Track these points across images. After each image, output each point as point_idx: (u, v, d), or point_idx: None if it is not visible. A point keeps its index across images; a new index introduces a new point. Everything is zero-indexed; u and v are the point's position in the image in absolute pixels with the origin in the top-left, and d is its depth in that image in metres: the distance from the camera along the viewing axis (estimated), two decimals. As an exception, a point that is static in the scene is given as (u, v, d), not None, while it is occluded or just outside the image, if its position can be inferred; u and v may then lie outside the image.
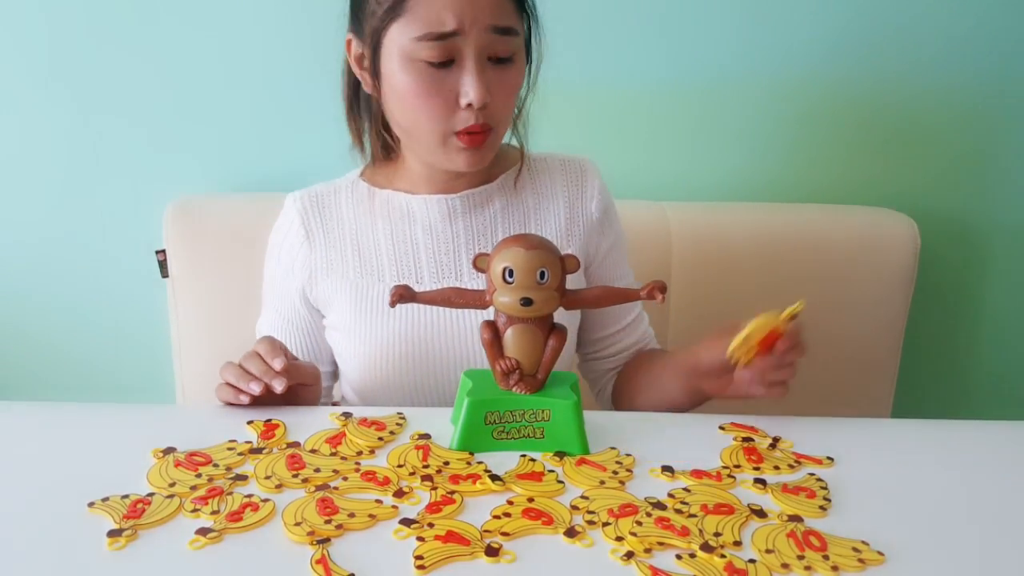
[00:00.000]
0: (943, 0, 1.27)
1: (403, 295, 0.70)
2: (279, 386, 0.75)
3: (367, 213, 0.93)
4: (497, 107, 0.82)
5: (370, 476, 0.65)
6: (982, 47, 1.29)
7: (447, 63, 0.79)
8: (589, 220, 0.95)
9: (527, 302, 0.67)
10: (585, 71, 1.31)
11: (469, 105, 0.80)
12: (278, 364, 0.76)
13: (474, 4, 0.78)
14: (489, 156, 0.86)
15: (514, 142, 0.93)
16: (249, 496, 0.62)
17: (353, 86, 0.90)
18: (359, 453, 0.69)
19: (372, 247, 0.91)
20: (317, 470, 0.66)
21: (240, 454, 0.68)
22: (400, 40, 0.79)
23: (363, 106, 0.92)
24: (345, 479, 0.65)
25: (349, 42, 0.86)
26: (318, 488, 0.63)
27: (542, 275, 0.67)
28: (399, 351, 0.88)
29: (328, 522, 0.58)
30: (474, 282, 0.89)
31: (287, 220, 0.94)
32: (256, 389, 0.75)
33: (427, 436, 0.72)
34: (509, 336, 0.70)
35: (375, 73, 0.83)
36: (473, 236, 0.91)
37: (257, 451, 0.69)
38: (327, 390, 0.98)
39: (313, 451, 0.69)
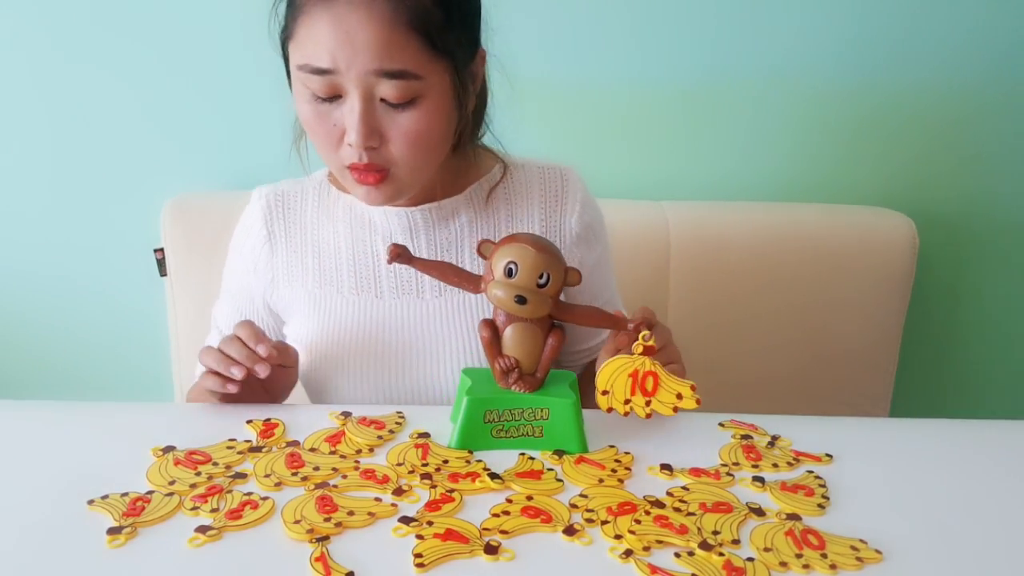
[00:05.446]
0: (942, 0, 1.28)
1: (400, 255, 0.70)
2: (263, 371, 0.73)
3: (329, 219, 0.89)
4: (392, 151, 0.75)
5: (369, 474, 0.65)
6: (981, 47, 1.30)
7: (334, 97, 0.73)
8: (568, 236, 0.89)
9: (521, 300, 0.67)
10: (584, 70, 1.31)
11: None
12: (262, 350, 0.74)
13: (351, 45, 0.70)
14: (394, 195, 0.79)
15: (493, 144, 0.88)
16: (249, 494, 0.62)
17: None
18: (358, 452, 0.69)
19: (332, 256, 0.88)
20: (316, 468, 0.66)
21: (240, 453, 0.68)
22: (292, 61, 0.75)
23: None
24: (345, 477, 0.65)
25: None
26: (317, 486, 0.63)
27: (543, 278, 0.67)
28: (359, 368, 0.85)
29: (327, 520, 0.58)
30: (436, 299, 0.86)
31: (251, 217, 0.91)
32: (238, 374, 0.73)
33: (426, 435, 0.72)
34: (508, 334, 0.70)
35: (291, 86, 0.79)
36: (437, 251, 0.87)
37: (256, 450, 0.69)
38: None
39: (312, 450, 0.69)
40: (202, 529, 0.57)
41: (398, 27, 0.71)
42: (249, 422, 0.74)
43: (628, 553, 0.56)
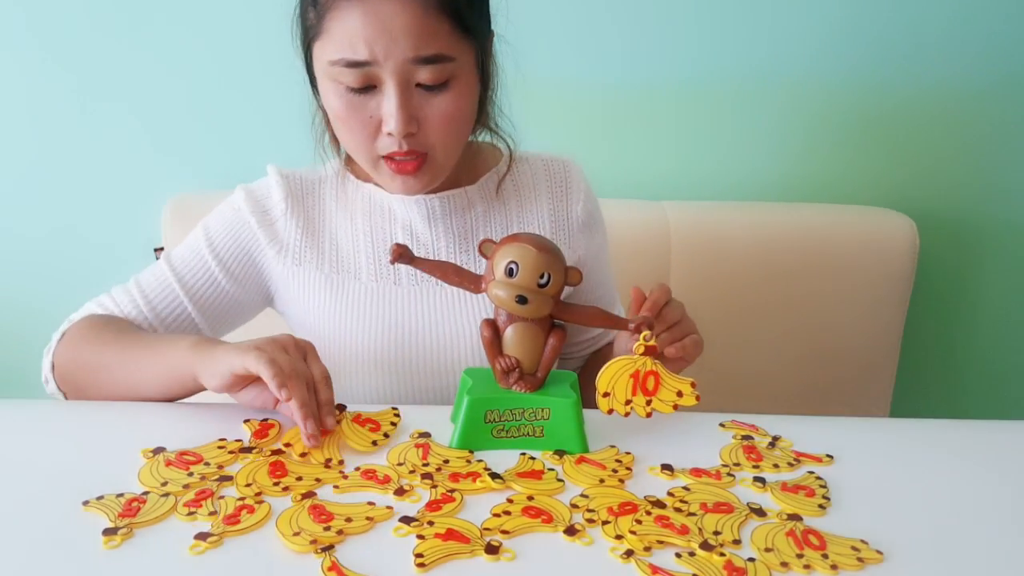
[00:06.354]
0: (942, 1, 1.28)
1: (402, 254, 0.70)
2: (311, 442, 0.67)
3: (347, 206, 0.89)
4: (429, 134, 0.77)
5: (370, 475, 0.64)
6: (982, 47, 1.30)
7: (368, 88, 0.75)
8: (574, 223, 0.92)
9: (522, 300, 0.67)
10: (585, 70, 1.31)
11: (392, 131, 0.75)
12: (331, 423, 0.69)
13: (388, 34, 0.71)
14: (430, 182, 0.81)
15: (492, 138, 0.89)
16: (242, 499, 0.61)
17: None
18: (341, 462, 0.67)
19: (351, 243, 0.88)
20: (299, 478, 0.64)
21: (231, 452, 0.67)
22: (320, 60, 0.76)
23: None
24: (337, 487, 0.63)
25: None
26: (304, 496, 0.61)
27: (544, 278, 0.67)
28: (376, 353, 0.85)
29: (327, 529, 0.57)
30: (454, 290, 0.86)
31: (270, 186, 0.89)
32: (311, 429, 0.66)
33: (427, 435, 0.72)
34: (509, 334, 0.70)
35: (313, 85, 0.80)
36: (455, 239, 0.88)
37: (247, 450, 0.68)
38: None
39: (303, 455, 0.67)
40: (202, 536, 0.56)
41: (430, 11, 0.72)
42: (246, 421, 0.73)
43: (629, 553, 0.56)
